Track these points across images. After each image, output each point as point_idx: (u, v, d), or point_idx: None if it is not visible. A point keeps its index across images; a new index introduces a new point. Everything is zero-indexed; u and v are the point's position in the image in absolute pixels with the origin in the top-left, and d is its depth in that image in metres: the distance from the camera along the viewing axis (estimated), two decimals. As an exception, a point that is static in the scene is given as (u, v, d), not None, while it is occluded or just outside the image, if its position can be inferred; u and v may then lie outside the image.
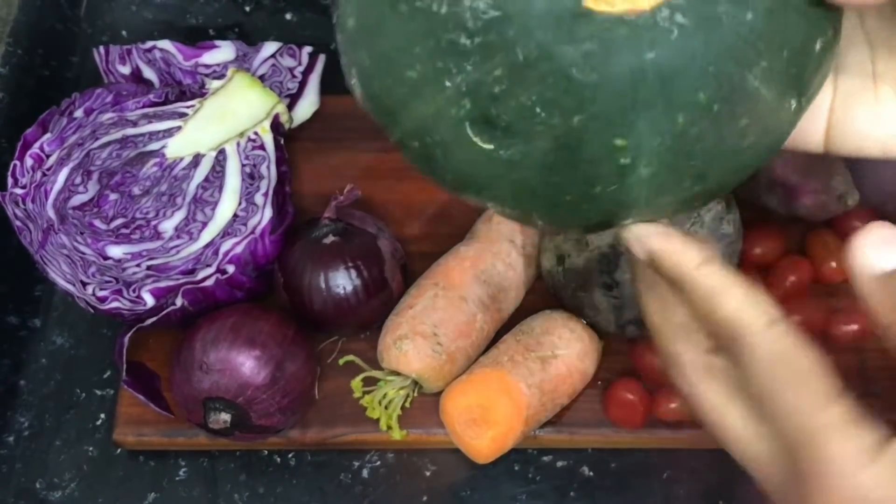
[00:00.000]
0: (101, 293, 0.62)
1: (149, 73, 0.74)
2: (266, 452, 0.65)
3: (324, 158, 0.73)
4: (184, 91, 0.71)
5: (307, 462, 0.65)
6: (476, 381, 0.61)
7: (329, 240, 0.63)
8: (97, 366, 0.67)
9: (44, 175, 0.66)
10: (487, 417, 0.59)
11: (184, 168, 0.67)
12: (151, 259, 0.64)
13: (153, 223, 0.65)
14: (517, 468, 0.64)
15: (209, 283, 0.62)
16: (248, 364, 0.59)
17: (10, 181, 0.65)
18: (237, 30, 0.82)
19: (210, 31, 0.82)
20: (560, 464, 0.64)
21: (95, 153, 0.67)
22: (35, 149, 0.66)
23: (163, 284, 0.62)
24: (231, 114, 0.69)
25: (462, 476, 0.64)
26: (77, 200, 0.65)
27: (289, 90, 0.74)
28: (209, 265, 0.64)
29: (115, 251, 0.64)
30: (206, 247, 0.64)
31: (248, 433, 0.60)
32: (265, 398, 0.59)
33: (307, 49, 0.76)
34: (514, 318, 0.65)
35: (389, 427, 0.62)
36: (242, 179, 0.67)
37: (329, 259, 0.63)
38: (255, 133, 0.68)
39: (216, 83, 0.70)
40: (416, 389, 0.63)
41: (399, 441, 0.62)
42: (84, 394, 0.67)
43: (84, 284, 0.62)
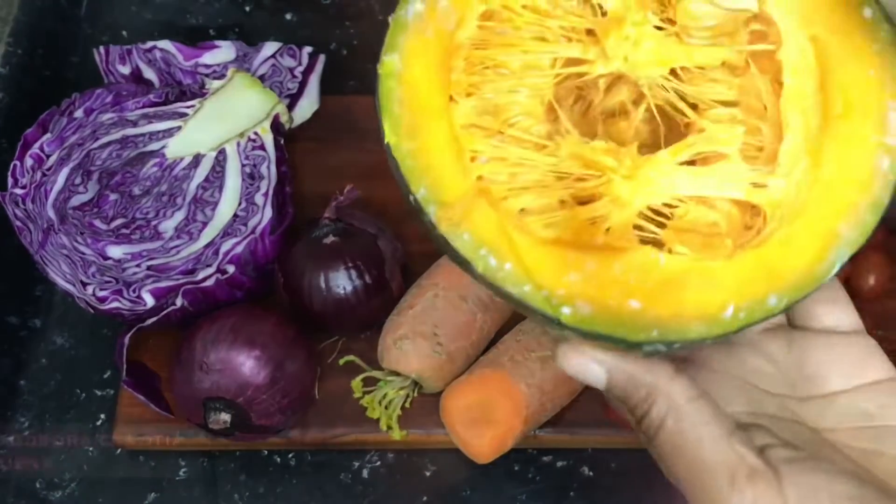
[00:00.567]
0: (101, 293, 0.62)
1: (149, 73, 0.74)
2: (266, 452, 0.65)
3: (324, 158, 0.73)
4: (184, 91, 0.71)
5: (307, 462, 0.65)
6: (476, 381, 0.61)
7: (329, 240, 0.63)
8: (97, 366, 0.67)
9: (44, 175, 0.66)
10: (487, 417, 0.59)
11: (184, 168, 0.67)
12: (151, 259, 0.64)
13: (153, 223, 0.65)
14: (517, 468, 0.64)
15: (209, 284, 0.62)
16: (248, 364, 0.59)
17: (10, 181, 0.65)
18: (237, 30, 0.82)
19: (210, 31, 0.81)
20: (560, 464, 0.64)
21: (95, 153, 0.67)
22: (35, 149, 0.66)
23: (163, 284, 0.62)
24: (231, 114, 0.69)
25: (462, 476, 0.64)
26: (77, 200, 0.65)
27: (289, 90, 0.74)
28: (209, 265, 0.64)
29: (115, 251, 0.64)
30: (207, 247, 0.64)
31: (248, 433, 0.60)
32: (265, 398, 0.59)
33: (307, 49, 0.76)
34: (514, 318, 0.65)
35: (389, 427, 0.62)
36: (242, 179, 0.67)
37: (329, 259, 0.62)
38: (255, 133, 0.68)
39: (216, 83, 0.70)
40: (416, 389, 0.63)
41: (399, 441, 0.62)
42: (84, 394, 0.67)
43: (84, 284, 0.62)
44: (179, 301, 0.62)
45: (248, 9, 0.83)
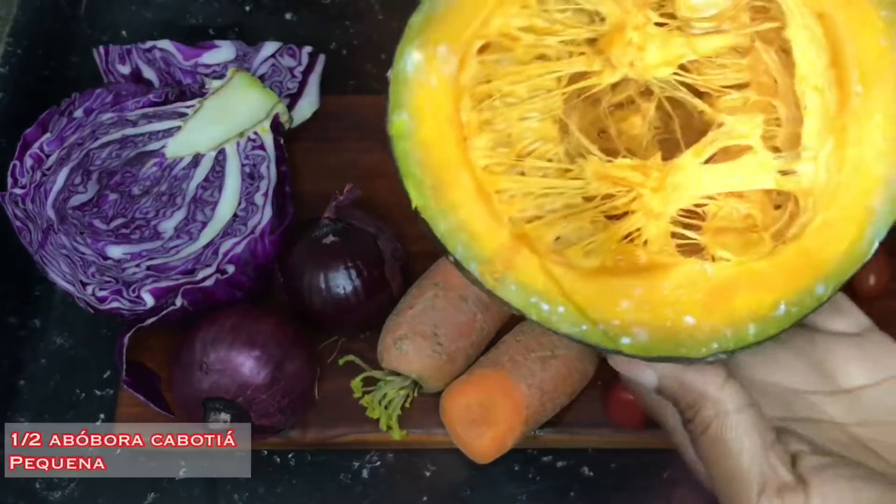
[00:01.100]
0: (101, 293, 0.62)
1: (149, 73, 0.74)
2: (266, 452, 0.65)
3: (324, 158, 0.73)
4: (184, 91, 0.71)
5: (307, 462, 0.65)
6: (476, 381, 0.61)
7: (329, 240, 0.63)
8: (97, 366, 0.67)
9: (43, 175, 0.66)
10: (487, 417, 0.59)
11: (184, 168, 0.67)
12: (151, 259, 0.64)
13: (153, 223, 0.65)
14: (517, 468, 0.64)
15: (209, 283, 0.62)
16: (248, 364, 0.59)
17: (10, 181, 0.65)
18: (237, 30, 0.82)
19: (210, 31, 0.81)
20: (560, 464, 0.64)
21: (95, 153, 0.67)
22: (35, 149, 0.66)
23: (163, 284, 0.62)
24: (231, 114, 0.69)
25: (462, 476, 0.64)
26: (77, 200, 0.65)
27: (289, 90, 0.74)
28: (209, 265, 0.63)
29: (115, 251, 0.64)
30: (206, 247, 0.64)
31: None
32: (265, 398, 0.59)
33: (307, 49, 0.76)
34: (514, 319, 0.65)
35: (389, 427, 0.62)
36: (242, 179, 0.67)
37: (329, 259, 0.62)
38: (255, 133, 0.68)
39: (216, 83, 0.70)
40: (416, 389, 0.63)
41: (399, 441, 0.62)
42: (84, 394, 0.67)
43: (84, 284, 0.62)
44: (179, 301, 0.62)
45: (248, 9, 0.83)
